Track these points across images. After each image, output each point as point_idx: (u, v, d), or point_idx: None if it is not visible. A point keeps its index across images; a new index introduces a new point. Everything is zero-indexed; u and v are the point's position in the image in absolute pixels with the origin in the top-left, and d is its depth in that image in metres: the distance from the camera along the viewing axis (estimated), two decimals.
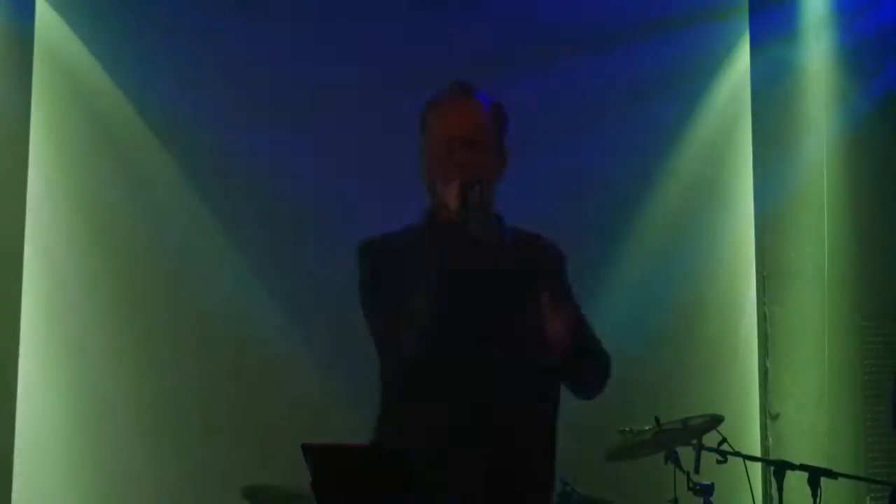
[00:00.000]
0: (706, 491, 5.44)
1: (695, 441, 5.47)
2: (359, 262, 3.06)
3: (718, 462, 5.58)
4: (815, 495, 5.15)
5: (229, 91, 6.09)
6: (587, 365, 3.08)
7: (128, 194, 6.02)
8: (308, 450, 2.71)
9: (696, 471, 5.46)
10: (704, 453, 5.49)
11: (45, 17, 6.01)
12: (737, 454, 5.54)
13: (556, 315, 2.84)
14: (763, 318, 6.49)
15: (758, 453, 6.12)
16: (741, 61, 6.76)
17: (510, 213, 3.20)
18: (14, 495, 5.62)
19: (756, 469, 5.85)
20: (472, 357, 2.82)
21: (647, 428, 5.51)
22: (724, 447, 5.55)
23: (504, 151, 3.09)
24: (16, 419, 5.72)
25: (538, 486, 2.94)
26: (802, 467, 5.27)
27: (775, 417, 6.32)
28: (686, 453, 5.49)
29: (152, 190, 6.05)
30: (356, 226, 3.48)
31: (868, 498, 5.85)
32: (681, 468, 5.47)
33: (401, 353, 2.89)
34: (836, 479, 5.25)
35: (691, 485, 5.42)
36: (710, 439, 5.51)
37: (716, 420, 5.54)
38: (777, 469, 5.46)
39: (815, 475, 5.20)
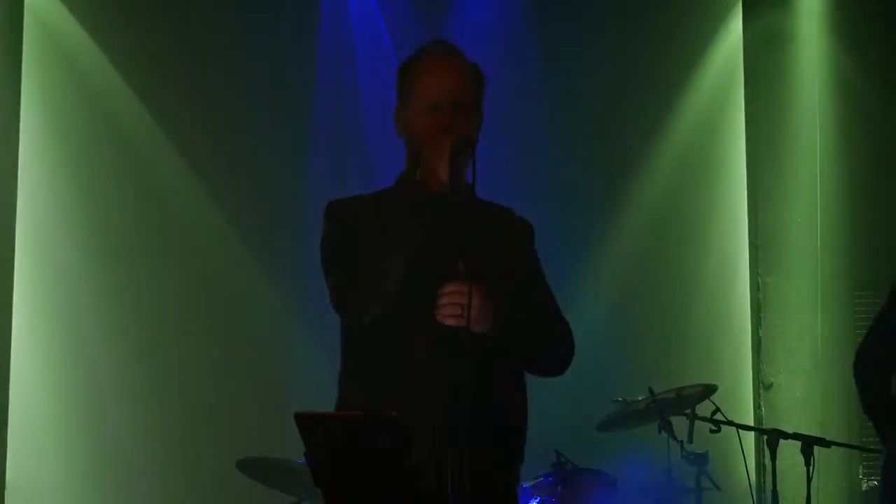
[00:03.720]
0: (700, 460, 5.46)
1: (688, 411, 5.48)
2: (323, 222, 3.00)
3: (712, 431, 5.58)
4: (808, 464, 5.14)
5: (222, 64, 6.09)
6: (535, 340, 2.98)
7: (117, 164, 6.03)
8: (301, 419, 2.68)
9: (690, 440, 5.46)
10: (698, 423, 5.48)
11: None
12: (730, 423, 5.56)
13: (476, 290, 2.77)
14: (756, 288, 6.48)
15: (751, 422, 6.13)
16: (734, 29, 6.72)
17: (496, 187, 3.13)
18: (8, 462, 5.68)
19: (749, 438, 5.87)
20: (431, 321, 2.77)
21: (640, 398, 5.53)
22: (718, 416, 5.57)
23: (482, 114, 3.04)
24: (9, 390, 5.74)
25: (504, 442, 2.91)
26: (795, 436, 5.27)
27: (768, 387, 6.33)
28: (680, 423, 5.49)
29: (142, 159, 6.05)
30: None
31: (861, 466, 5.87)
32: (674, 438, 5.47)
33: (360, 312, 2.85)
34: (829, 447, 5.24)
35: (685, 454, 5.42)
36: (704, 409, 5.52)
37: (709, 390, 5.58)
38: (770, 438, 5.45)
39: (808, 444, 5.18)
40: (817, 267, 6.41)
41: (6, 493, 5.62)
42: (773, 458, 5.42)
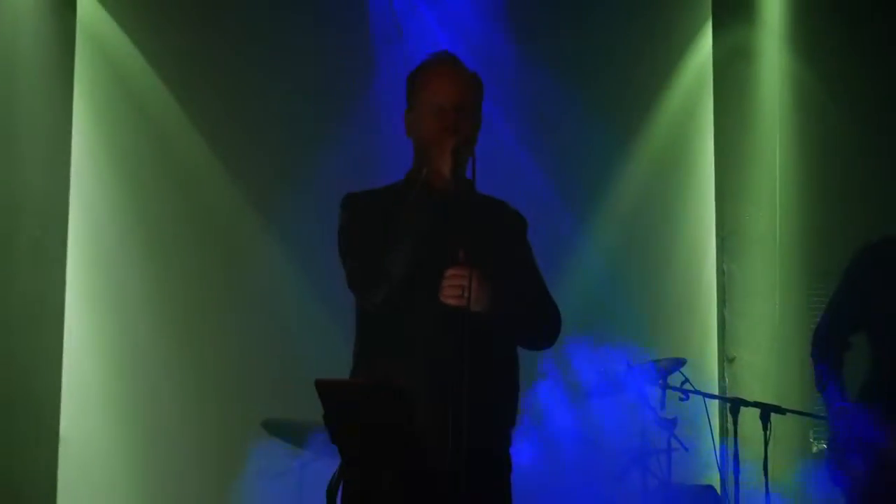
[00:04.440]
0: (670, 424, 5.47)
1: (661, 381, 5.49)
2: (340, 213, 2.99)
3: (681, 399, 5.63)
4: (765, 429, 5.18)
5: (251, 68, 6.04)
6: (527, 319, 2.97)
7: (157, 160, 6.01)
8: (320, 385, 2.68)
9: (662, 407, 5.49)
10: (669, 392, 5.52)
11: (88, 8, 5.97)
12: (697, 392, 5.60)
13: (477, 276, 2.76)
14: (721, 274, 6.47)
15: (716, 392, 6.13)
16: (705, 43, 6.67)
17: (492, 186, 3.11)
18: (62, 418, 5.69)
19: (714, 406, 5.88)
20: (435, 301, 2.75)
21: (617, 370, 5.52)
22: (687, 386, 5.61)
23: (480, 117, 3.03)
24: (62, 356, 5.74)
25: (499, 409, 2.92)
26: (755, 404, 5.31)
27: (731, 361, 6.33)
28: (653, 392, 5.51)
29: (179, 155, 6.02)
30: None
31: (811, 431, 5.87)
32: (649, 405, 5.49)
33: (372, 293, 2.83)
34: (784, 414, 5.27)
35: (658, 419, 5.45)
36: (675, 380, 5.55)
37: (679, 362, 5.60)
38: (733, 406, 5.48)
39: (766, 411, 5.22)
40: (776, 256, 6.40)
41: (60, 444, 5.64)
42: (735, 424, 5.45)
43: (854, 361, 3.77)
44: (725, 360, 6.34)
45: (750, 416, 5.34)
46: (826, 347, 3.76)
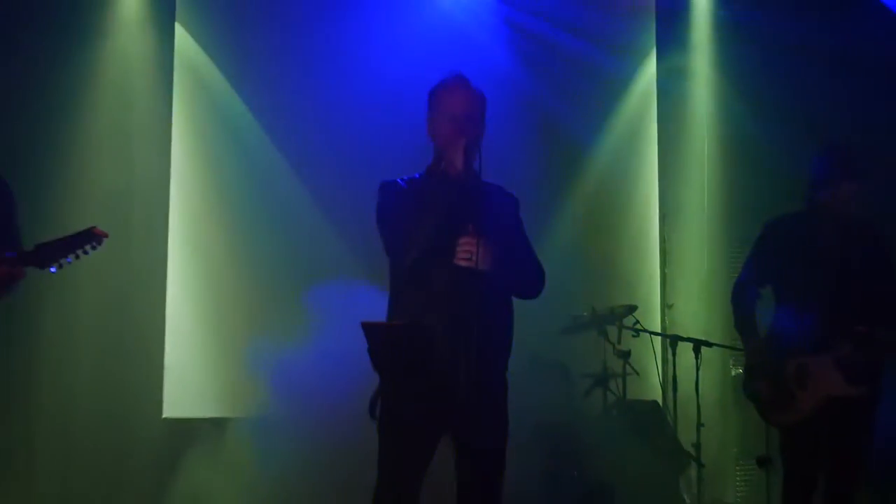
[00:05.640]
0: (625, 355, 5.49)
1: (617, 322, 5.51)
2: (378, 196, 2.96)
3: (633, 336, 5.66)
4: (696, 358, 5.23)
5: (317, 83, 5.84)
6: (520, 276, 2.96)
7: (240, 164, 5.90)
8: (366, 326, 2.70)
9: (619, 341, 5.51)
10: (623, 330, 5.54)
11: (183, 41, 5.90)
12: (645, 331, 5.66)
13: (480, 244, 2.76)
14: (663, 241, 6.42)
15: (659, 330, 6.12)
16: (650, 66, 6.63)
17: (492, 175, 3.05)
18: (166, 360, 5.63)
19: (658, 341, 5.88)
20: (451, 263, 2.75)
21: (586, 314, 5.55)
22: (637, 326, 5.64)
23: (484, 124, 3.01)
24: (166, 308, 5.70)
25: (498, 342, 2.90)
26: (689, 340, 5.35)
27: (671, 307, 6.32)
28: (611, 330, 5.55)
29: (257, 161, 5.90)
30: None
31: (731, 360, 5.88)
32: (609, 340, 5.52)
33: (404, 260, 2.82)
34: (710, 347, 5.30)
35: (615, 351, 5.47)
36: (628, 321, 5.60)
37: (632, 308, 5.64)
38: (672, 340, 5.53)
39: (697, 345, 5.27)
40: (704, 228, 6.39)
41: (165, 372, 5.58)
42: (674, 354, 5.53)
43: (763, 307, 3.78)
44: (666, 306, 6.33)
45: (685, 349, 5.40)
46: (743, 297, 3.76)
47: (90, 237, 2.89)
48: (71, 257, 2.88)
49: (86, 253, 2.89)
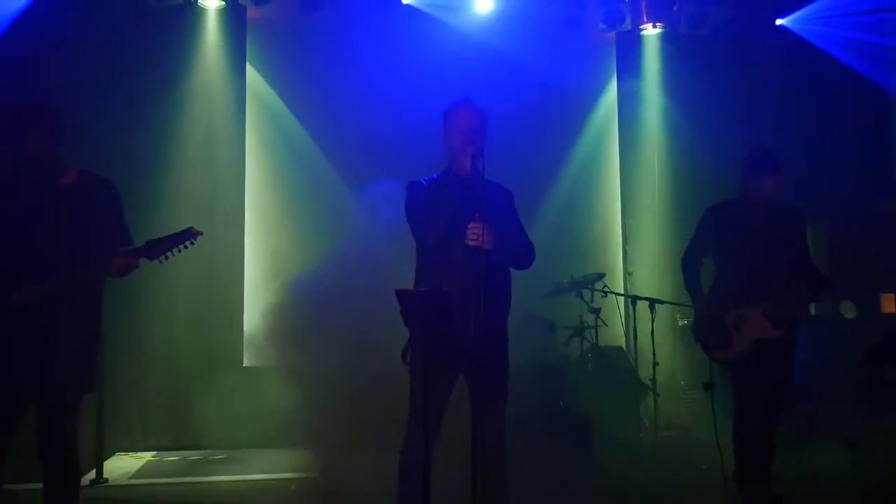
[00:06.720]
0: (597, 311, 5.54)
1: (590, 286, 5.54)
2: (406, 194, 2.96)
3: (602, 297, 5.67)
4: (651, 312, 5.24)
5: (376, 117, 5.67)
6: (515, 253, 2.97)
7: (296, 174, 5.88)
8: (399, 293, 2.67)
9: (591, 301, 5.56)
10: (595, 293, 5.56)
11: (253, 78, 5.94)
12: (612, 292, 5.68)
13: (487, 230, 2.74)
14: (624, 227, 6.45)
15: (622, 292, 6.12)
16: (612, 90, 6.59)
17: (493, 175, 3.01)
18: (245, 320, 5.63)
19: (621, 300, 5.92)
20: (463, 243, 2.74)
21: (565, 281, 5.56)
22: (606, 289, 5.62)
23: (486, 137, 3.01)
24: (244, 279, 5.72)
25: (500, 304, 2.91)
26: (645, 298, 5.36)
27: (631, 274, 6.33)
28: (586, 293, 5.58)
29: (312, 173, 5.87)
30: None
31: (678, 314, 5.88)
32: (583, 300, 5.55)
33: (427, 241, 2.85)
34: (662, 304, 5.31)
35: (589, 308, 5.53)
36: (598, 285, 5.60)
37: (601, 275, 5.67)
38: (632, 300, 5.55)
39: (652, 303, 5.28)
40: (656, 213, 6.37)
41: (244, 341, 5.54)
42: (634, 310, 5.56)
43: (704, 273, 3.78)
44: (627, 273, 6.34)
45: (643, 306, 5.44)
46: (690, 265, 3.77)
47: (189, 235, 2.85)
48: (175, 251, 2.85)
49: (186, 248, 2.85)
